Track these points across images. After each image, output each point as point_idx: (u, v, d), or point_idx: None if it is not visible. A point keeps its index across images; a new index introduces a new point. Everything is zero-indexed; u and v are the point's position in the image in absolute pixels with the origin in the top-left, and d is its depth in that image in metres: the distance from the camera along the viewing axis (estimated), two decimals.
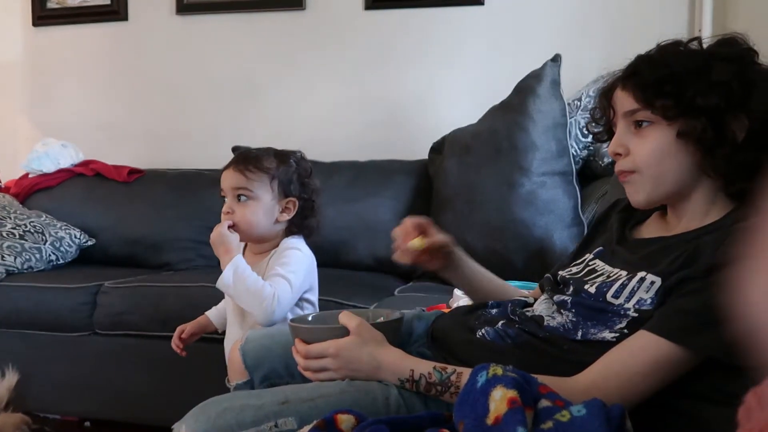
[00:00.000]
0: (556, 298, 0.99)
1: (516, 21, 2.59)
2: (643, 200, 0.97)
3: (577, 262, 1.05)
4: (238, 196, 1.48)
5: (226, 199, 1.51)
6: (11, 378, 1.96)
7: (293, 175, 1.52)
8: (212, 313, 1.65)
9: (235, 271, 1.42)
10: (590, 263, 1.01)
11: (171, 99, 2.94)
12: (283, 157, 1.53)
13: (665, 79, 0.90)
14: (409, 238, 1.12)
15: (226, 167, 1.52)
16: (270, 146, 1.59)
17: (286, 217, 1.51)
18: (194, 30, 2.90)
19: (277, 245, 1.52)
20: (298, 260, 1.47)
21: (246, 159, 1.50)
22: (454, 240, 1.18)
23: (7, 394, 1.90)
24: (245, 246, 1.59)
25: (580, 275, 1.00)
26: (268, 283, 1.41)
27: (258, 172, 1.48)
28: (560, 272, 1.05)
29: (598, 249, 1.04)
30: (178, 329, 1.63)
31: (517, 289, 1.24)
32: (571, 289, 0.98)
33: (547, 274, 1.11)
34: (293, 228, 1.54)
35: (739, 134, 0.88)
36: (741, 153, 0.88)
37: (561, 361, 0.90)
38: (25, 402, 2.03)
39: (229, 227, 1.46)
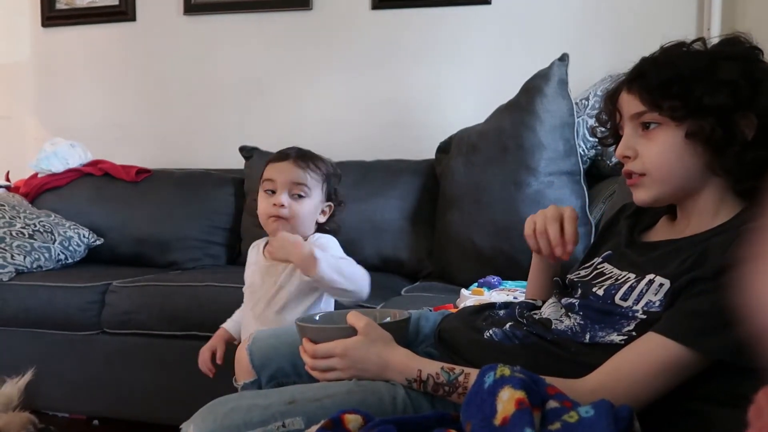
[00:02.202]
0: (563, 301, 0.98)
1: (523, 20, 2.59)
2: (650, 199, 0.96)
3: (586, 265, 1.05)
4: (296, 190, 1.46)
5: (270, 191, 1.47)
6: (24, 379, 1.96)
7: (334, 180, 1.54)
8: (229, 326, 1.62)
9: (324, 257, 1.35)
10: (598, 266, 1.01)
11: (178, 99, 2.96)
12: (327, 161, 1.54)
13: (672, 80, 0.90)
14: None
15: (281, 159, 1.49)
16: (294, 146, 1.55)
17: (323, 219, 1.52)
18: (201, 30, 2.91)
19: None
20: (340, 249, 1.48)
21: (306, 156, 1.50)
22: None
23: (17, 395, 1.91)
24: (266, 243, 1.55)
25: (588, 278, 0.99)
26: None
27: (317, 171, 1.48)
28: (568, 275, 1.05)
29: (606, 252, 1.03)
30: (207, 353, 1.58)
31: None
32: (579, 292, 0.97)
33: (556, 278, 1.10)
34: (321, 230, 1.54)
35: (749, 132, 0.88)
36: (750, 151, 0.88)
37: (569, 363, 0.89)
38: (33, 400, 2.03)
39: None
